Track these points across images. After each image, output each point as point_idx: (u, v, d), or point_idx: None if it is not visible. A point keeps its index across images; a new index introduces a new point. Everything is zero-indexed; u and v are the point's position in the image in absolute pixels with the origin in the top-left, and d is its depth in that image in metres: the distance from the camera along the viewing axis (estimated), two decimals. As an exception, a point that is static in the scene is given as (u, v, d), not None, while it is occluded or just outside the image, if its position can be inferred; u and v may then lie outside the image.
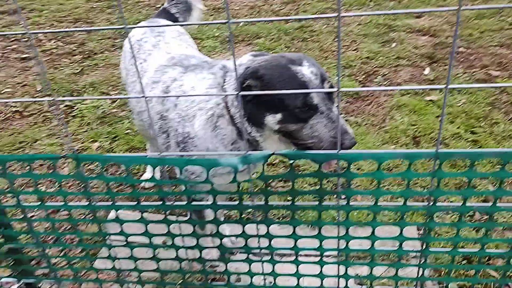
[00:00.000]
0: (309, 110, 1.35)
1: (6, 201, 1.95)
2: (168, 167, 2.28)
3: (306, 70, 1.36)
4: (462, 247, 1.74)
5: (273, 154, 1.14)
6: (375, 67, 3.26)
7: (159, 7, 2.57)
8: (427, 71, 3.17)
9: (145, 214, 1.28)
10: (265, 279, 1.41)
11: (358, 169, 2.17)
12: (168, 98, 1.63)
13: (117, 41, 4.20)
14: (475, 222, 1.89)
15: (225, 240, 1.84)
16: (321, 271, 1.35)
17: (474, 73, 3.09)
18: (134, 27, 1.23)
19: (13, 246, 1.48)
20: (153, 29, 1.98)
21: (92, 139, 2.71)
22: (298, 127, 1.36)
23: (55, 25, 4.63)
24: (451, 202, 1.97)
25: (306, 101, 1.33)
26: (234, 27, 4.09)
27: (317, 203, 1.21)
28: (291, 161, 1.17)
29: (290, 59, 1.38)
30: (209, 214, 1.72)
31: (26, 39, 4.37)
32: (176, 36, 2.00)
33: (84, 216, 2.05)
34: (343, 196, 1.19)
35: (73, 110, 3.08)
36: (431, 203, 1.18)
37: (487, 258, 1.69)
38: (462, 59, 3.29)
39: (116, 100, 3.23)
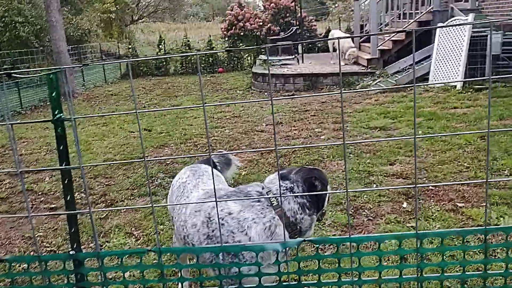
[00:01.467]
0: None
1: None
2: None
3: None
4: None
5: (304, 240, 1.67)
6: (361, 203, 3.88)
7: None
8: (405, 204, 3.80)
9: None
10: None
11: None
12: (213, 221, 2.12)
13: (135, 191, 4.81)
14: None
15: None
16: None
17: (443, 205, 3.73)
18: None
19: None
20: (195, 173, 2.57)
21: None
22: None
23: (77, 180, 5.27)
24: None
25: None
26: (238, 176, 4.79)
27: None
28: (317, 245, 1.69)
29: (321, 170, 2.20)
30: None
31: (53, 192, 4.96)
32: (211, 178, 2.59)
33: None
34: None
35: (102, 248, 3.50)
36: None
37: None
38: (433, 195, 3.96)
39: (140, 238, 3.69)
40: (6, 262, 1.83)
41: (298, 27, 15.52)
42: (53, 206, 4.59)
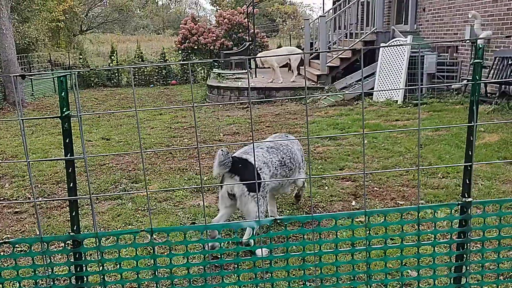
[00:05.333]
0: None
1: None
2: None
3: None
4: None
5: (275, 219, 2.03)
6: (315, 202, 4.30)
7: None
8: (353, 203, 4.26)
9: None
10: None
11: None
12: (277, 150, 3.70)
13: (99, 195, 4.97)
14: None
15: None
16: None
17: (386, 203, 4.22)
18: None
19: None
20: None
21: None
22: None
23: (40, 186, 5.34)
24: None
25: None
26: (200, 181, 5.08)
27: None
28: (285, 223, 2.05)
29: None
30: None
31: (15, 198, 5.01)
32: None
33: None
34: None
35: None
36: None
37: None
38: (377, 195, 4.45)
39: (110, 238, 3.88)
40: (10, 244, 2.05)
41: (251, 42, 16.08)
42: (17, 210, 4.66)
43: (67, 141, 1.97)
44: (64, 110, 1.93)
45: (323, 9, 20.01)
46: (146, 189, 1.97)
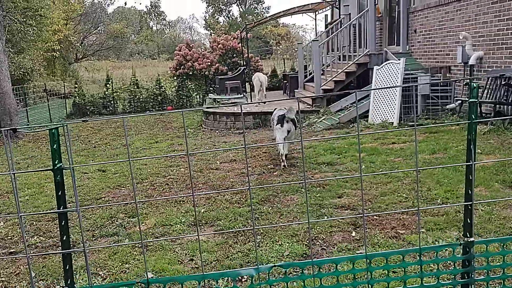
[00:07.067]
0: None
1: None
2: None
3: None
4: None
5: (274, 266, 1.98)
6: (315, 234, 4.24)
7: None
8: (354, 233, 4.20)
9: None
10: None
11: None
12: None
13: (95, 232, 4.89)
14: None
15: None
16: None
17: (387, 232, 4.16)
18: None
19: None
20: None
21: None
22: None
23: (35, 224, 5.26)
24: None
25: None
26: (197, 214, 5.02)
27: None
28: (285, 269, 1.99)
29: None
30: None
31: (10, 237, 4.92)
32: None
33: None
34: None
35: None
36: None
37: None
38: (377, 224, 4.40)
39: (107, 278, 3.80)
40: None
41: (245, 67, 16.20)
42: (12, 250, 4.57)
43: (59, 193, 1.93)
44: (56, 162, 1.90)
45: (316, 31, 20.26)
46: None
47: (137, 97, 17.59)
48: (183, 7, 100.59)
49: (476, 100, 1.96)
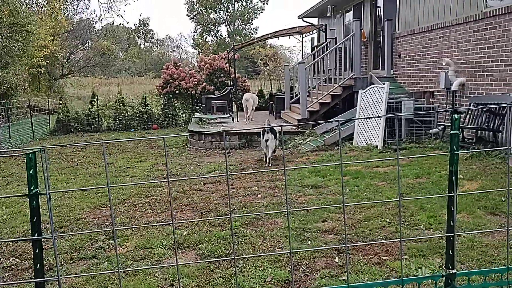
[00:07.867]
0: None
1: None
2: None
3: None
4: None
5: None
6: (298, 259, 4.19)
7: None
8: (337, 259, 4.16)
9: None
10: None
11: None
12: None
13: (74, 254, 4.76)
14: None
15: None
16: None
17: (370, 259, 4.14)
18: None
19: None
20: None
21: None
22: None
23: (11, 245, 5.10)
24: None
25: None
26: (179, 237, 4.94)
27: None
28: None
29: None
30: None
31: (-16, 258, 4.76)
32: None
33: None
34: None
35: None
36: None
37: None
38: (361, 249, 4.37)
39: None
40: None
41: (232, 87, 16.26)
42: (-15, 273, 4.42)
43: (34, 219, 1.87)
44: (32, 187, 1.84)
45: (302, 53, 20.53)
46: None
47: (122, 114, 17.48)
48: (172, 25, 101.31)
49: (458, 132, 1.97)
